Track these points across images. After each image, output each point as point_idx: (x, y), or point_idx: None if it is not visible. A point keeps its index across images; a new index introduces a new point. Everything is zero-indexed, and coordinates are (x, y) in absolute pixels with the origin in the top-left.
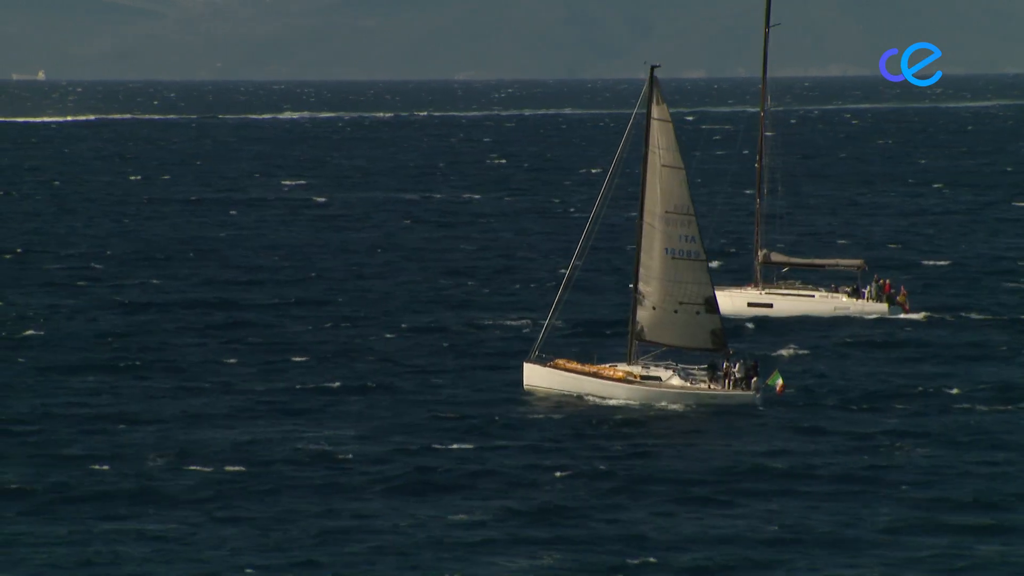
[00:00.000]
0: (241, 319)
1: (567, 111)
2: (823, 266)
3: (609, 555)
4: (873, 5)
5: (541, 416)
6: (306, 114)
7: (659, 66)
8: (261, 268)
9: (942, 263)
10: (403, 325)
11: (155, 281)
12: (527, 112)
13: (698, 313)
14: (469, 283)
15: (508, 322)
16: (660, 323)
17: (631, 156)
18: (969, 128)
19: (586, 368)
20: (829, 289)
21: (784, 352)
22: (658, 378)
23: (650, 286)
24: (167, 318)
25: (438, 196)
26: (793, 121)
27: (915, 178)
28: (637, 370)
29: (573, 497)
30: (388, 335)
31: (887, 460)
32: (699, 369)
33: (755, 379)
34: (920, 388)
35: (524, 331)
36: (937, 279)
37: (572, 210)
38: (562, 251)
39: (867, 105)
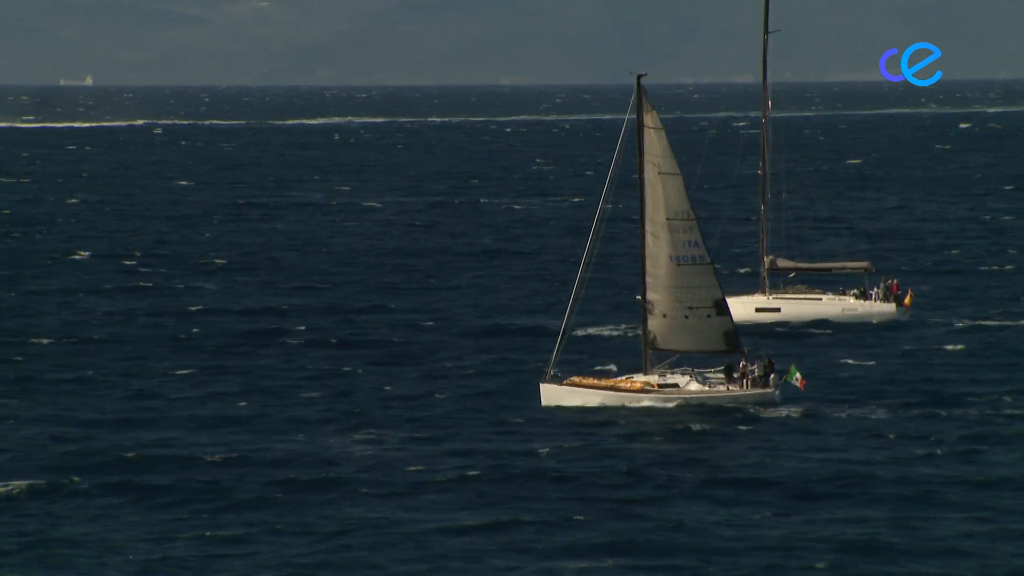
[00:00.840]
0: (289, 324)
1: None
2: (830, 269)
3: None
4: (928, 10)
5: (563, 434)
6: (352, 119)
7: (645, 75)
8: (316, 272)
9: (949, 265)
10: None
11: (213, 286)
12: (582, 117)
13: (709, 316)
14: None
15: (524, 337)
16: (672, 330)
17: (625, 165)
18: (976, 130)
19: (603, 383)
20: (836, 292)
21: (795, 353)
22: (676, 385)
23: (658, 294)
24: (230, 322)
25: (482, 201)
26: (843, 126)
27: (928, 180)
28: (654, 379)
29: (621, 510)
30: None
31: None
32: (715, 371)
33: (772, 376)
34: (960, 392)
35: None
36: (945, 280)
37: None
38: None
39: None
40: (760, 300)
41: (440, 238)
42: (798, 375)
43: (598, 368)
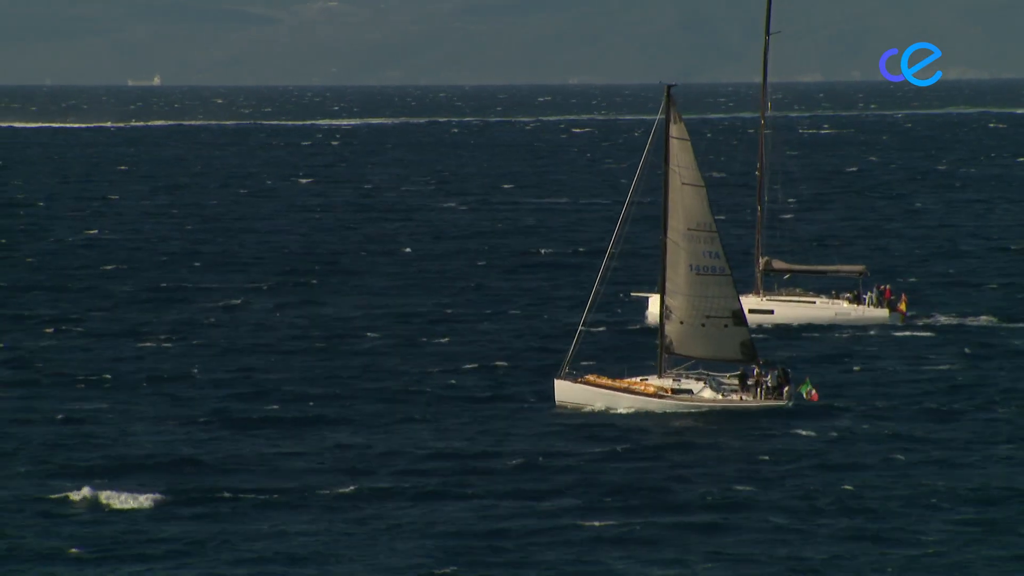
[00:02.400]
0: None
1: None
2: (824, 272)
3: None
4: (992, 9)
5: (574, 433)
6: (421, 119)
7: (675, 85)
8: (382, 274)
9: (943, 269)
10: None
11: (309, 288)
12: (643, 117)
13: (726, 326)
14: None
15: (539, 337)
16: (688, 337)
17: (652, 173)
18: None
19: (617, 383)
20: (830, 295)
21: (787, 356)
22: (689, 391)
23: (676, 301)
24: (323, 326)
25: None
26: (909, 124)
27: (918, 184)
28: (668, 383)
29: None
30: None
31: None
32: (730, 377)
33: (787, 388)
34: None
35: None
36: (938, 285)
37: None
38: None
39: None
40: (753, 301)
41: (462, 238)
42: (811, 388)
43: (610, 366)
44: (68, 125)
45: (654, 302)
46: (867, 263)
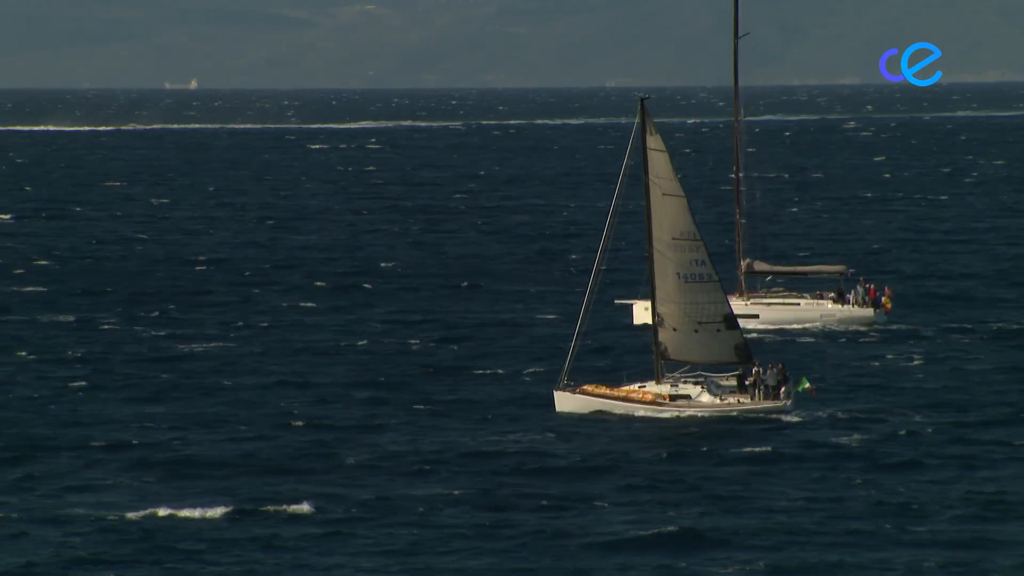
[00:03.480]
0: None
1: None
2: (806, 273)
3: None
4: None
5: (574, 444)
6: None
7: (648, 98)
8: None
9: (929, 269)
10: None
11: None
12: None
13: (719, 331)
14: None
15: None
16: (682, 343)
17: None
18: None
19: (615, 392)
20: (814, 296)
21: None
22: (687, 396)
23: (667, 308)
24: (383, 330)
25: (572, 205)
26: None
27: (903, 184)
28: (666, 390)
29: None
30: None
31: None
32: (728, 378)
33: (784, 388)
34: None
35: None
36: (924, 284)
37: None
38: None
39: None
40: (738, 306)
41: (464, 243)
42: (808, 384)
43: (607, 374)
44: (124, 128)
45: (638, 309)
46: (851, 263)
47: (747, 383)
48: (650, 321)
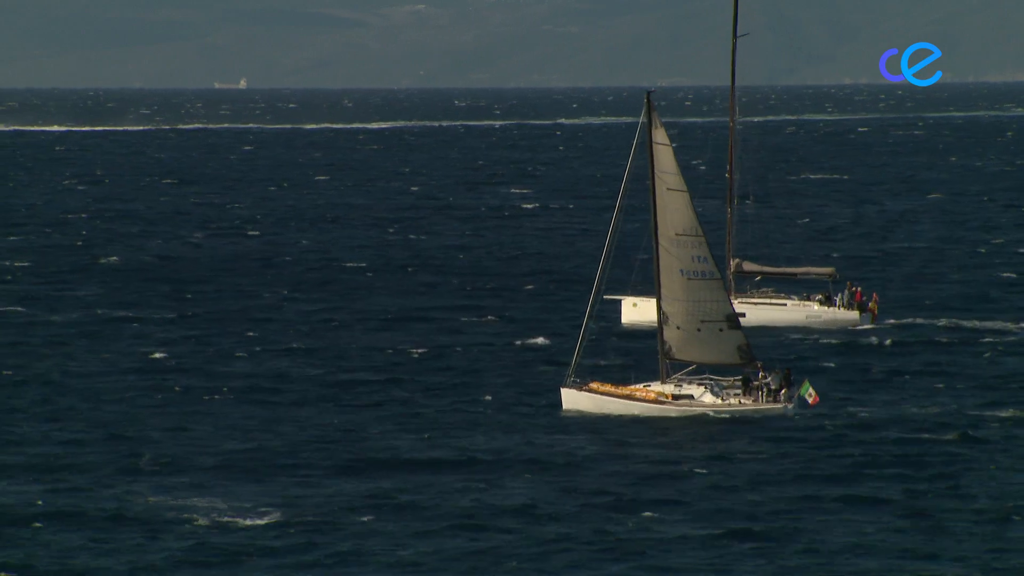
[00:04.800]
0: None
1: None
2: (795, 275)
3: None
4: None
5: (578, 442)
6: (505, 121)
7: (654, 91)
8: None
9: (915, 270)
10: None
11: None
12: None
13: (721, 330)
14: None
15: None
16: (686, 342)
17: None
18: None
19: (619, 390)
20: (801, 297)
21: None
22: (691, 396)
23: (672, 307)
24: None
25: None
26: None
27: (896, 185)
28: (669, 389)
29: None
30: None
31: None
32: (733, 381)
33: (784, 390)
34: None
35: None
36: (911, 286)
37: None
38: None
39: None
40: None
41: (477, 243)
42: (812, 390)
43: (614, 372)
44: (188, 127)
45: (626, 305)
46: (837, 265)
47: (753, 385)
48: (636, 317)
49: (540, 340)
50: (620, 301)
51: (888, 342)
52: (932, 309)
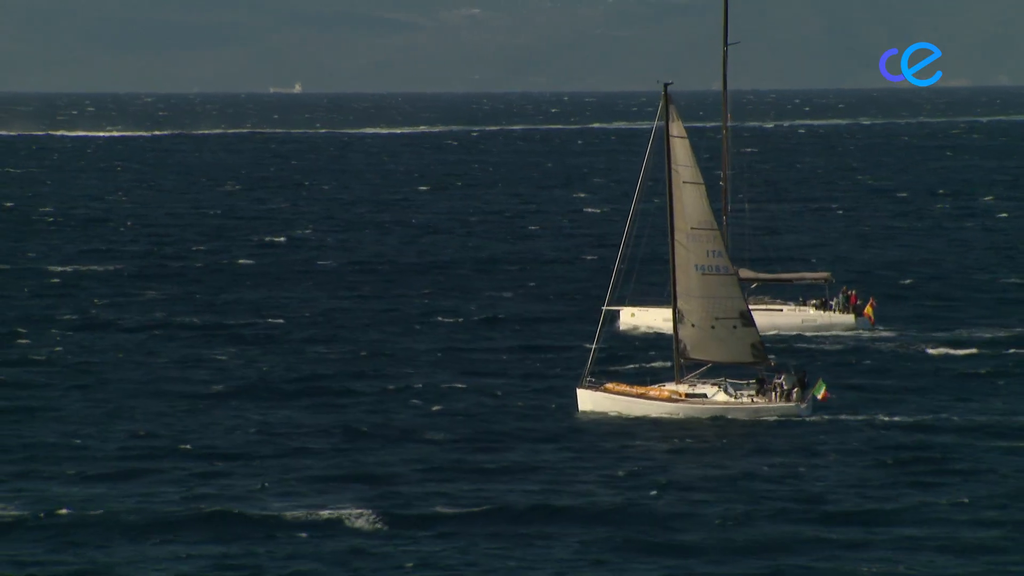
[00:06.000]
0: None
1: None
2: (790, 280)
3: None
4: None
5: (593, 441)
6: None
7: (671, 84)
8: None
9: (912, 275)
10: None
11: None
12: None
13: (735, 327)
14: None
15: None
16: (701, 340)
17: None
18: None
19: (633, 389)
20: (797, 302)
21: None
22: (704, 395)
23: (688, 304)
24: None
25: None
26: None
27: (890, 190)
28: (684, 388)
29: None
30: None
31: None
32: (748, 383)
33: (797, 390)
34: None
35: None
36: (906, 291)
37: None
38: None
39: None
40: None
41: (491, 244)
42: (824, 390)
43: (631, 373)
44: (271, 131)
45: (625, 315)
46: (833, 270)
47: (768, 387)
48: (635, 328)
49: (555, 341)
50: (619, 311)
51: (884, 346)
52: (928, 313)
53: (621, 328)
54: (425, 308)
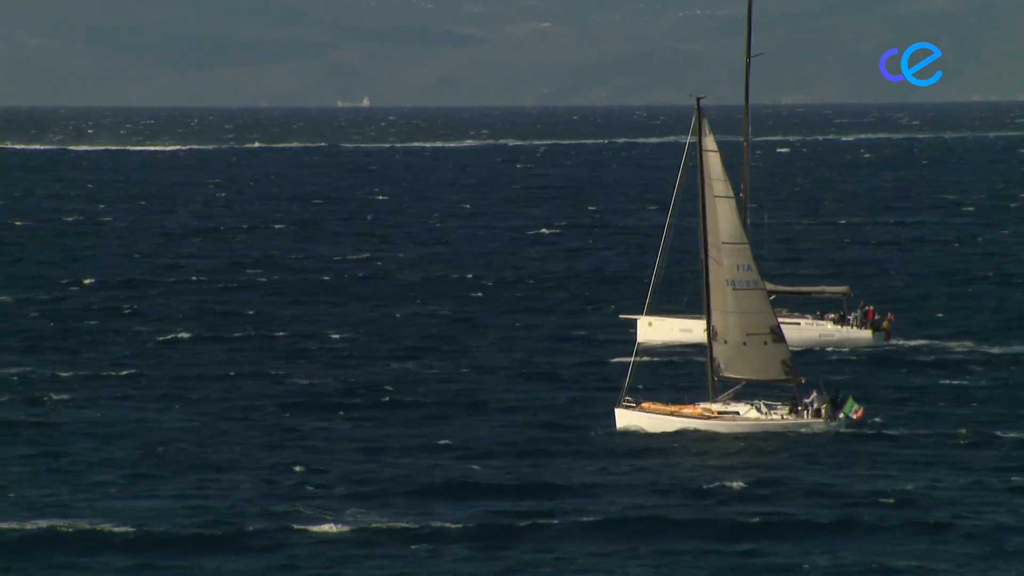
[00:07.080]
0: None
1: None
2: (809, 293)
3: None
4: None
5: (630, 460)
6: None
7: (704, 97)
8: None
9: (928, 290)
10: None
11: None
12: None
13: (766, 343)
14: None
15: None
16: (734, 357)
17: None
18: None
19: (667, 408)
20: (815, 316)
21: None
22: (736, 412)
23: (721, 320)
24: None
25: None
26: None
27: (906, 204)
28: (717, 407)
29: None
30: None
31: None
32: (782, 404)
33: (826, 407)
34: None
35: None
36: (923, 305)
37: None
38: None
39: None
40: None
41: (529, 260)
42: (856, 406)
43: (668, 392)
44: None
45: (642, 324)
46: (851, 284)
47: (800, 408)
48: (652, 336)
49: (595, 360)
50: (636, 320)
51: (901, 361)
52: (947, 329)
53: (639, 338)
54: (469, 321)
